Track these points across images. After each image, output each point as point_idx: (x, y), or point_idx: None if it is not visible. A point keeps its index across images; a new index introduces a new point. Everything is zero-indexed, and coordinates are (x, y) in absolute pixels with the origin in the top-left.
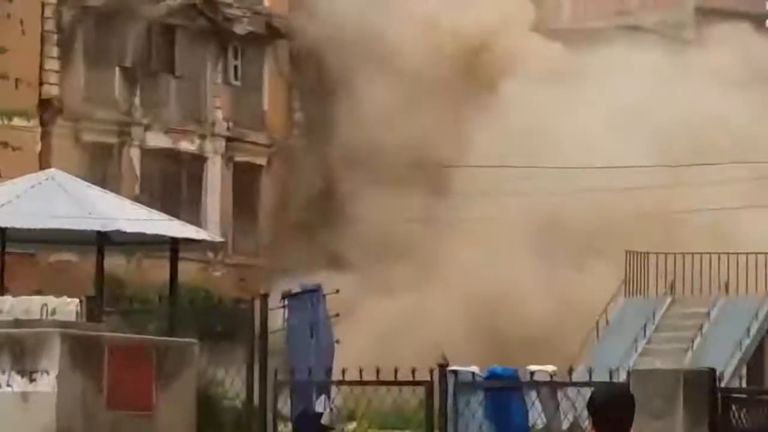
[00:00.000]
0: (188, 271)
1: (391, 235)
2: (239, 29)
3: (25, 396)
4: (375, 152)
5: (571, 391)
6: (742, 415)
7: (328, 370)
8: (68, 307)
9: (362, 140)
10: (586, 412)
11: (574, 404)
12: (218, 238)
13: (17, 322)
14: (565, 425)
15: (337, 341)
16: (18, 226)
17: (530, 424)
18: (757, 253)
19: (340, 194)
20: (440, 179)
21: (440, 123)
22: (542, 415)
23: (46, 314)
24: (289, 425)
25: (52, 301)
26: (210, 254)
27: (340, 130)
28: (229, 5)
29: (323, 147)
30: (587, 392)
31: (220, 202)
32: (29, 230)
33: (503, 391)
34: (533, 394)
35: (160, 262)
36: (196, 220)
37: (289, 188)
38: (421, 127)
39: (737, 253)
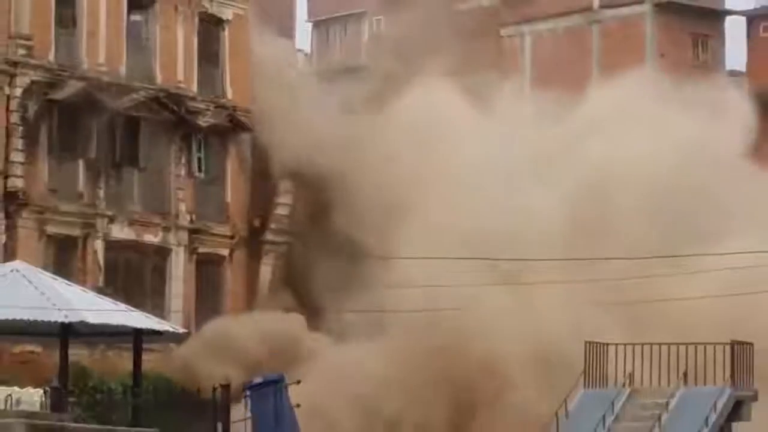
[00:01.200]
0: (151, 360)
1: None
2: (202, 122)
3: None
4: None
5: None
6: None
7: None
8: (32, 397)
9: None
10: None
11: None
12: (181, 329)
13: None
14: None
15: None
16: None
17: None
18: (715, 344)
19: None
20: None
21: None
22: None
23: (11, 405)
24: None
25: (16, 391)
26: (173, 345)
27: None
28: (193, 98)
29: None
30: None
31: (183, 293)
32: None
33: None
34: None
35: (123, 353)
36: (159, 311)
37: (253, 278)
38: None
39: (696, 344)
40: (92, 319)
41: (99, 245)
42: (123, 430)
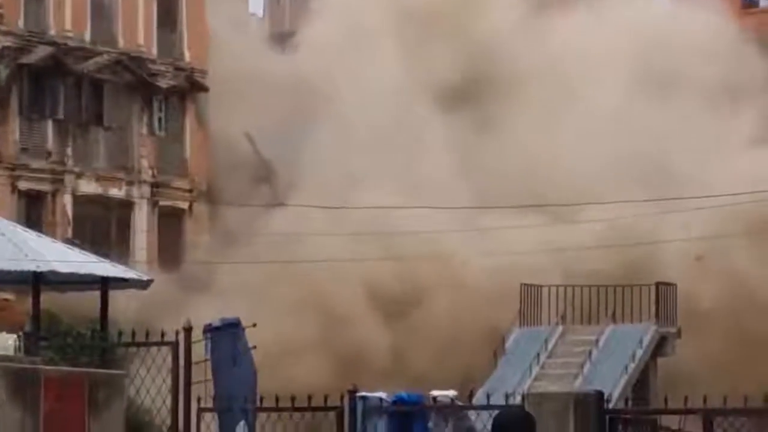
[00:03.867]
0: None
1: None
2: (162, 83)
3: None
4: None
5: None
6: None
7: (252, 398)
8: (7, 342)
9: None
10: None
11: (472, 425)
12: (145, 277)
13: None
14: None
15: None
16: None
17: None
18: (641, 285)
19: None
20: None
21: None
22: None
23: None
24: None
25: None
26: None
27: None
28: (153, 61)
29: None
30: (485, 414)
31: (146, 244)
32: None
33: (408, 415)
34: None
35: (92, 300)
36: (124, 260)
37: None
38: None
39: (623, 285)
40: (62, 268)
41: (68, 199)
42: (92, 372)
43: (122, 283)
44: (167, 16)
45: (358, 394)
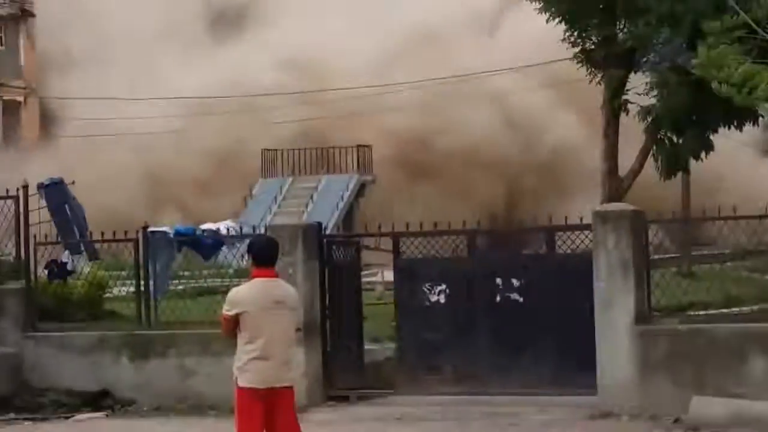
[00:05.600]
0: None
1: None
2: (2, 12)
3: None
4: None
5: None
6: (338, 252)
7: (83, 233)
8: None
9: None
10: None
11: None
12: None
13: None
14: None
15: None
16: None
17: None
18: (347, 147)
19: None
20: None
21: None
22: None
23: None
24: (45, 272)
25: None
26: None
27: None
28: None
29: None
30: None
31: None
32: None
33: (187, 244)
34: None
35: None
36: None
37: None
38: None
39: (334, 147)
40: None
41: None
42: None
43: None
44: None
45: (149, 230)
